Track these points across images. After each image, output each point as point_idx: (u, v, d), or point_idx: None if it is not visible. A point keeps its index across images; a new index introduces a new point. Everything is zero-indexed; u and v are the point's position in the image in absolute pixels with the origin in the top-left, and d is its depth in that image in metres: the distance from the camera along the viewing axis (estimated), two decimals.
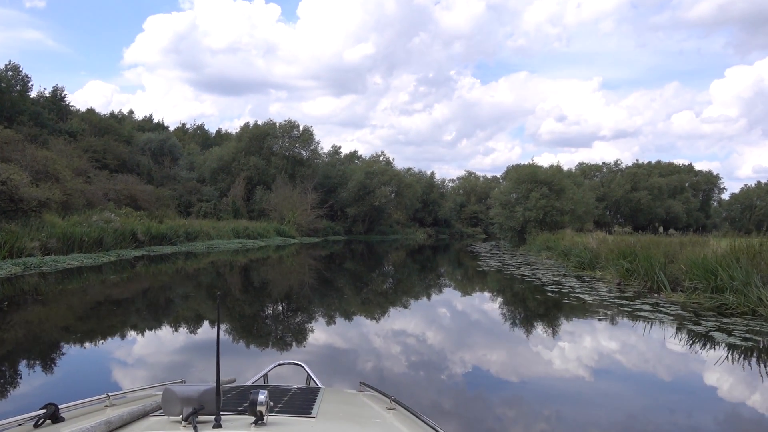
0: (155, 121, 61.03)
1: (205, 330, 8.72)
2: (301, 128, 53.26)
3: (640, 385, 6.22)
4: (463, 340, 8.84)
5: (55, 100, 42.49)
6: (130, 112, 61.05)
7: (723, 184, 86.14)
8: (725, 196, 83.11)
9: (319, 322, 9.78)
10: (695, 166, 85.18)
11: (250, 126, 53.16)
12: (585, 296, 12.47)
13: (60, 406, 1.68)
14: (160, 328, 9.06)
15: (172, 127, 63.18)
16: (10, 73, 36.16)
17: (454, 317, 11.17)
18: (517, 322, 10.32)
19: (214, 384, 1.50)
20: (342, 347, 7.87)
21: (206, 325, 9.18)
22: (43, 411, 1.63)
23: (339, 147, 65.76)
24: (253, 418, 1.48)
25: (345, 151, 67.34)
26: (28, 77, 37.34)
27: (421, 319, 10.45)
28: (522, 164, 42.20)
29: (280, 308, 11.64)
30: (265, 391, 1.50)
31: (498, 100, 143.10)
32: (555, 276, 17.11)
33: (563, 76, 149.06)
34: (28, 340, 7.65)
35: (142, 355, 7.10)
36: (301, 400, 1.92)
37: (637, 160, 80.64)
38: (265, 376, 3.28)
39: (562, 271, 18.75)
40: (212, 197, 43.23)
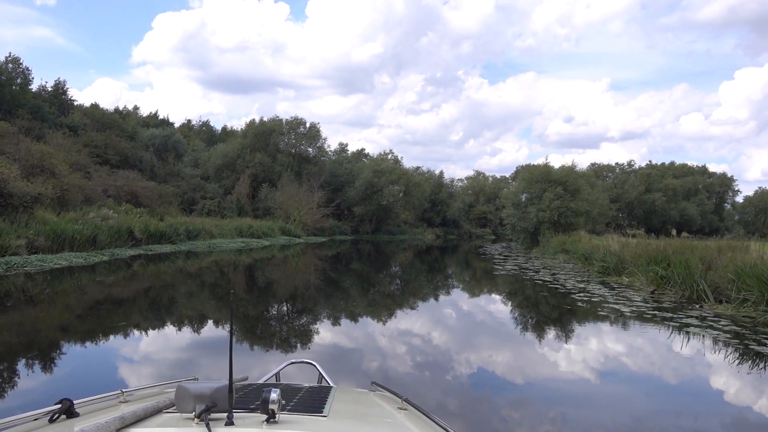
0: (160, 117, 59.98)
1: (207, 335, 8.01)
2: (307, 125, 52.13)
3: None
4: (489, 352, 7.65)
5: (57, 94, 41.53)
6: (135, 108, 59.80)
7: (737, 186, 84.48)
8: (739, 198, 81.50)
9: (328, 323, 9.74)
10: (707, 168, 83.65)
11: (256, 122, 51.99)
12: (619, 306, 11.25)
13: (74, 402, 1.68)
14: (146, 334, 7.93)
15: (177, 124, 62.27)
16: (11, 66, 35.21)
17: (474, 325, 9.98)
18: (550, 334, 9.10)
19: (227, 382, 1.51)
20: (352, 347, 7.88)
21: (209, 327, 8.53)
22: (58, 406, 1.62)
23: (346, 145, 64.48)
24: (264, 416, 1.47)
25: (352, 149, 66.04)
26: (29, 70, 36.44)
27: (438, 326, 9.30)
28: (533, 164, 40.99)
29: (288, 309, 11.41)
30: (277, 390, 1.50)
31: (505, 100, 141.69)
32: (579, 282, 15.89)
33: (571, 77, 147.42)
34: None
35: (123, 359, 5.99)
36: (313, 399, 1.91)
37: (650, 161, 79.11)
38: (277, 374, 3.28)
39: (586, 277, 17.52)
40: (216, 195, 42.17)
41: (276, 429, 1.44)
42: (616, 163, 72.40)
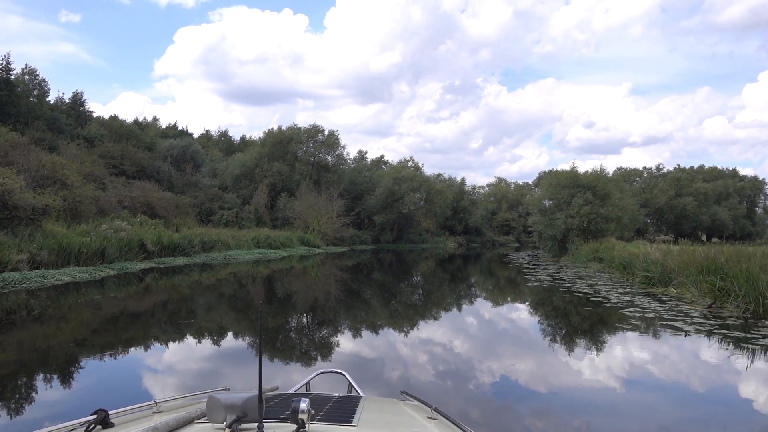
0: (179, 128, 59.70)
1: (232, 345, 7.54)
2: (326, 133, 51.23)
3: None
4: (534, 378, 6.41)
5: (75, 105, 41.28)
6: (155, 119, 59.72)
7: None
8: None
9: (353, 333, 9.65)
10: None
11: (274, 131, 51.24)
12: (679, 324, 9.89)
13: (109, 412, 1.67)
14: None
15: (196, 135, 61.94)
16: (27, 77, 34.96)
17: (517, 343, 8.73)
18: (613, 364, 7.81)
19: (257, 392, 1.51)
20: (378, 356, 7.82)
21: (232, 339, 8.08)
22: (94, 417, 1.62)
23: (365, 152, 63.19)
24: (294, 426, 1.46)
25: (371, 157, 64.85)
26: (45, 82, 36.22)
27: (472, 339, 8.08)
28: (557, 170, 39.47)
29: (312, 319, 11.29)
30: (307, 399, 1.49)
31: (525, 107, 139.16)
32: (623, 294, 14.50)
33: (591, 82, 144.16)
34: None
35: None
36: (343, 409, 1.89)
37: (678, 165, 76.69)
38: (307, 384, 3.22)
39: (627, 288, 16.10)
40: (234, 205, 41.36)
41: None
42: (644, 167, 70.30)
